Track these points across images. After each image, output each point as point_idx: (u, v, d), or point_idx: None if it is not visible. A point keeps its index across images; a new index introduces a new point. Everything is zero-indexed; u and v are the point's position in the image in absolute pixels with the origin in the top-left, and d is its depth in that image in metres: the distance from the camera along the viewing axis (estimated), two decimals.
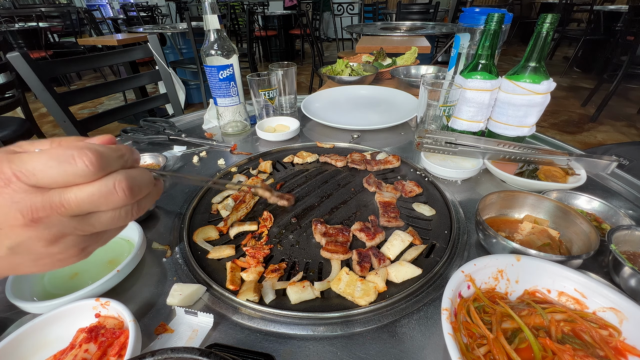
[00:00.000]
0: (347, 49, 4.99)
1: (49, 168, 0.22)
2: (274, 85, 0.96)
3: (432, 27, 2.79)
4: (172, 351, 0.27)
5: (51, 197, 0.22)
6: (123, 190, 0.24)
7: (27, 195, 0.22)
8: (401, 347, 0.39)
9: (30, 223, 0.22)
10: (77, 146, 0.23)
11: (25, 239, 0.23)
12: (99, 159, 0.23)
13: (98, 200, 0.24)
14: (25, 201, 0.22)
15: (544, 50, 0.66)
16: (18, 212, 0.22)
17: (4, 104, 1.84)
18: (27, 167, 0.22)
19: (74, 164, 0.22)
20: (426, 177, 0.72)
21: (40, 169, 0.22)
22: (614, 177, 0.71)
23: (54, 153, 0.22)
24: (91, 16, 4.82)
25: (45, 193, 0.22)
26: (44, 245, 0.24)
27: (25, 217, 0.22)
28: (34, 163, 0.22)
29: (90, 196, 0.23)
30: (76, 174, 0.22)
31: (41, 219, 0.22)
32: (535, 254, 0.43)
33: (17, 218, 0.22)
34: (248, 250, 0.53)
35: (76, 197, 0.23)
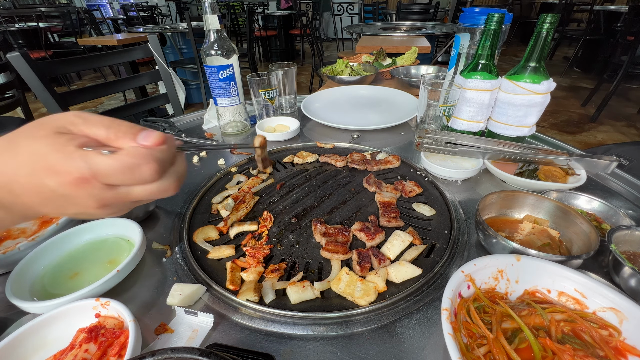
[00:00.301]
0: (347, 49, 4.99)
1: (121, 174, 0.27)
2: (274, 85, 0.96)
3: (432, 27, 2.79)
4: (172, 351, 0.27)
5: (119, 192, 0.29)
6: (173, 188, 0.31)
7: (101, 191, 0.28)
8: (401, 347, 0.39)
9: (101, 206, 0.29)
10: (142, 154, 0.28)
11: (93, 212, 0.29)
12: (160, 168, 0.29)
13: (154, 195, 0.30)
14: (99, 195, 0.28)
15: (544, 50, 0.66)
16: (93, 201, 0.28)
17: (4, 104, 1.84)
18: (102, 170, 0.27)
19: (140, 173, 0.28)
20: (426, 177, 0.72)
21: (113, 174, 0.27)
22: (614, 177, 0.71)
23: (125, 162, 0.27)
24: (91, 16, 4.83)
25: (115, 189, 0.28)
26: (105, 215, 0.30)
27: (98, 204, 0.28)
28: (108, 169, 0.27)
29: (151, 193, 0.30)
30: (142, 179, 0.28)
31: (109, 205, 0.29)
32: (535, 254, 0.43)
33: (90, 204, 0.28)
34: (248, 250, 0.53)
35: (139, 194, 0.29)
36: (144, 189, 0.29)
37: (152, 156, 0.28)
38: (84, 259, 0.52)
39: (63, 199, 0.27)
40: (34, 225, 0.61)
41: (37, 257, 0.50)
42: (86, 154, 0.27)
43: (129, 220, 0.55)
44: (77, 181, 0.26)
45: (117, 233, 0.56)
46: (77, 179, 0.26)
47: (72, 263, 0.51)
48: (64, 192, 0.27)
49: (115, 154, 0.27)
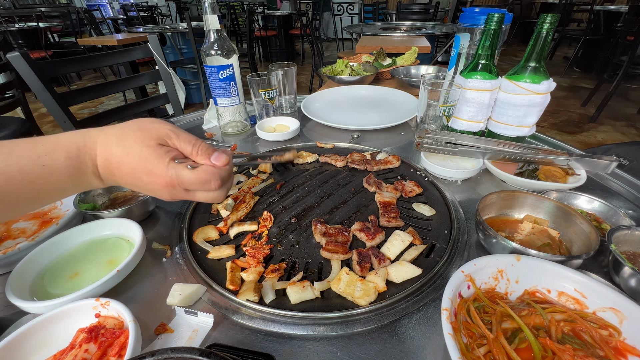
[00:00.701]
0: (347, 49, 4.99)
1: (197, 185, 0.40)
2: (274, 85, 0.96)
3: (432, 27, 2.80)
4: (172, 351, 0.27)
5: (189, 194, 0.41)
6: (225, 196, 0.44)
7: (179, 192, 0.40)
8: (401, 347, 0.39)
9: (172, 199, 0.41)
10: (213, 173, 0.40)
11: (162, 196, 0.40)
12: (222, 184, 0.41)
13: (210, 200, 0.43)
14: (176, 193, 0.40)
15: (544, 50, 0.66)
16: (169, 196, 0.40)
17: (4, 104, 1.84)
18: (185, 180, 0.39)
19: (209, 185, 0.40)
20: (426, 177, 0.72)
21: (192, 185, 0.39)
22: (614, 177, 0.71)
23: (200, 177, 0.39)
24: (91, 16, 4.83)
25: (187, 192, 0.41)
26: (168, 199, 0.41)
27: (171, 197, 0.40)
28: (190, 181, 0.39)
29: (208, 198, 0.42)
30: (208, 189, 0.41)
31: (178, 198, 0.41)
32: (535, 254, 0.43)
33: (166, 196, 0.40)
34: (248, 250, 0.53)
35: (200, 197, 0.42)
36: (205, 195, 0.41)
37: (219, 175, 0.41)
38: (84, 259, 0.52)
39: (148, 188, 0.39)
40: (34, 225, 0.61)
41: (37, 257, 0.50)
42: (177, 166, 0.38)
43: (129, 220, 0.55)
44: (166, 184, 0.38)
45: (117, 233, 0.56)
46: (167, 183, 0.38)
47: (72, 263, 0.51)
48: (153, 188, 0.39)
49: (195, 170, 0.39)
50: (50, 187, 0.36)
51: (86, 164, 0.37)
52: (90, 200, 0.63)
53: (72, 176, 0.36)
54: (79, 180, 0.37)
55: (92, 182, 0.39)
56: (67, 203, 0.66)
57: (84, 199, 0.62)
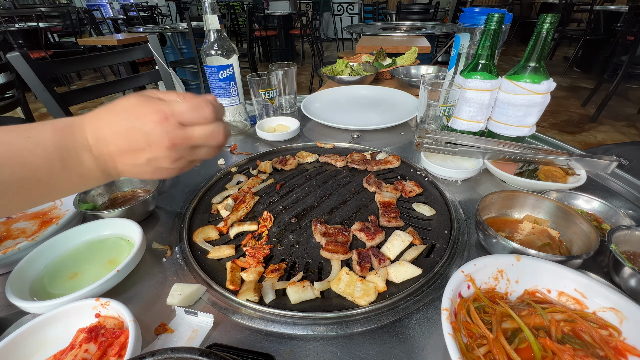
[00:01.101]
0: (347, 49, 4.99)
1: (190, 112, 0.36)
2: (274, 85, 0.96)
3: (432, 27, 2.79)
4: (172, 351, 0.27)
5: (186, 132, 0.37)
6: (223, 134, 0.39)
7: (175, 129, 0.36)
8: (401, 347, 0.39)
9: (170, 146, 0.36)
10: (203, 99, 0.37)
11: (161, 155, 0.36)
12: (215, 108, 0.38)
13: (209, 139, 0.38)
14: (173, 132, 0.35)
15: (544, 50, 0.66)
16: (167, 139, 0.35)
17: (4, 104, 1.84)
18: (178, 110, 0.35)
19: (203, 110, 0.37)
20: (426, 177, 0.72)
21: (185, 112, 0.36)
22: (614, 177, 0.71)
23: (192, 101, 0.36)
24: (91, 16, 4.83)
25: (184, 129, 0.36)
26: (169, 162, 0.37)
27: (170, 142, 0.35)
28: (182, 107, 0.36)
29: (207, 134, 0.38)
30: (203, 117, 0.37)
31: (177, 145, 0.36)
32: (535, 254, 0.43)
33: (164, 142, 0.35)
34: (248, 250, 0.53)
35: (199, 134, 0.37)
36: (202, 129, 0.37)
37: (210, 102, 0.38)
38: (84, 259, 0.52)
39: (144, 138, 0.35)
40: (34, 225, 0.61)
41: (37, 257, 0.50)
42: (167, 101, 0.36)
43: (129, 220, 0.55)
44: (159, 119, 0.35)
45: (117, 233, 0.56)
46: (160, 117, 0.35)
47: (72, 263, 0.51)
48: (148, 129, 0.35)
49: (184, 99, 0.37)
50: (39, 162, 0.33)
51: (74, 136, 0.35)
52: (90, 200, 0.63)
53: (60, 149, 0.34)
54: (69, 157, 0.34)
55: (84, 160, 0.36)
56: (67, 203, 0.66)
57: (84, 199, 0.62)
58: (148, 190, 0.67)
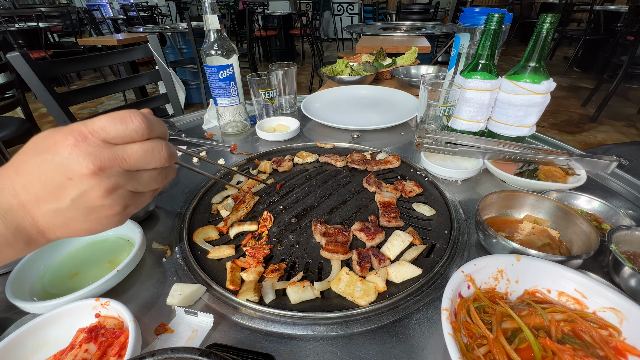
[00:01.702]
0: (347, 49, 4.99)
1: (113, 125, 0.28)
2: (274, 85, 0.96)
3: (432, 27, 2.80)
4: (172, 351, 0.27)
5: (116, 151, 0.29)
6: (166, 151, 0.32)
7: (99, 149, 0.28)
8: (401, 347, 0.39)
9: (97, 171, 0.28)
10: (130, 110, 0.30)
11: (89, 187, 0.28)
12: (147, 119, 0.30)
13: (148, 157, 0.30)
14: (97, 152, 0.28)
15: (544, 50, 0.66)
16: (90, 162, 0.27)
17: (4, 104, 1.84)
18: (98, 125, 0.28)
19: (130, 122, 0.29)
20: (426, 177, 0.72)
21: (107, 125, 0.28)
22: (614, 177, 0.71)
23: (115, 114, 0.29)
24: (91, 16, 4.82)
25: (111, 147, 0.29)
26: (100, 196, 0.29)
27: (95, 166, 0.27)
28: (102, 122, 0.28)
29: (144, 151, 0.30)
30: (133, 129, 0.29)
31: (105, 168, 0.28)
32: (535, 254, 0.43)
33: (88, 167, 0.27)
34: (248, 250, 0.53)
35: (134, 152, 0.29)
36: (137, 146, 0.30)
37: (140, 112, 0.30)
38: (84, 259, 0.52)
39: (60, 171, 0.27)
40: None
41: (37, 257, 0.50)
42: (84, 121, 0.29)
43: (129, 220, 0.55)
44: (75, 140, 0.27)
45: (117, 233, 0.56)
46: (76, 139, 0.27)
47: (72, 263, 0.51)
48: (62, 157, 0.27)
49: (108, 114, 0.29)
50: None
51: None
52: None
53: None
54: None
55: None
56: None
57: None
58: None
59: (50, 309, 0.40)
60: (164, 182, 0.34)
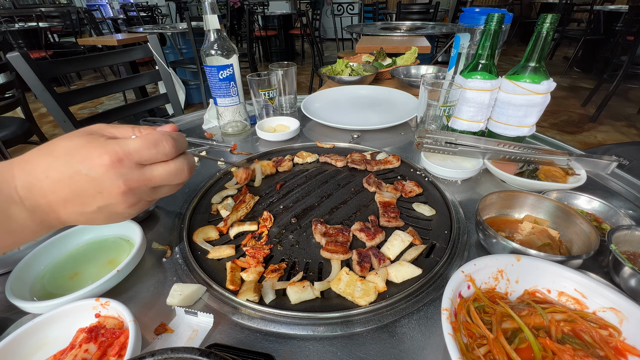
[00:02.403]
0: (347, 49, 4.98)
1: (147, 150, 0.31)
2: (274, 85, 0.96)
3: (432, 27, 2.80)
4: (172, 351, 0.27)
5: (145, 173, 0.32)
6: (187, 171, 0.35)
7: (131, 171, 0.31)
8: (401, 347, 0.39)
9: (127, 191, 0.31)
10: (161, 133, 0.33)
11: (116, 202, 0.31)
12: (175, 143, 0.33)
13: (172, 177, 0.34)
14: (129, 175, 0.31)
15: (544, 50, 0.66)
16: (122, 183, 0.30)
17: (4, 104, 1.84)
18: (132, 147, 0.31)
19: (162, 147, 0.32)
20: (426, 177, 0.72)
21: (141, 150, 0.31)
22: (614, 177, 0.71)
23: (149, 138, 0.32)
24: (91, 16, 4.82)
25: (141, 169, 0.32)
26: (125, 208, 0.32)
27: (126, 187, 0.31)
28: (136, 145, 0.31)
29: (169, 173, 0.33)
30: (163, 153, 0.32)
31: (134, 189, 0.31)
32: (535, 254, 0.43)
33: (119, 187, 0.30)
34: (248, 250, 0.53)
35: (160, 174, 0.33)
36: (164, 168, 0.33)
37: (170, 135, 0.33)
38: (84, 259, 0.52)
39: (92, 185, 0.30)
40: None
41: (37, 257, 0.50)
42: (118, 140, 0.31)
43: (129, 220, 0.55)
44: (111, 162, 0.30)
45: (117, 233, 0.56)
46: (112, 159, 0.30)
47: (72, 263, 0.51)
48: (97, 175, 0.29)
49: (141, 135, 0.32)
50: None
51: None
52: None
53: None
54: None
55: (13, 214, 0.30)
56: None
57: None
58: None
59: (50, 309, 0.40)
60: (177, 189, 0.38)
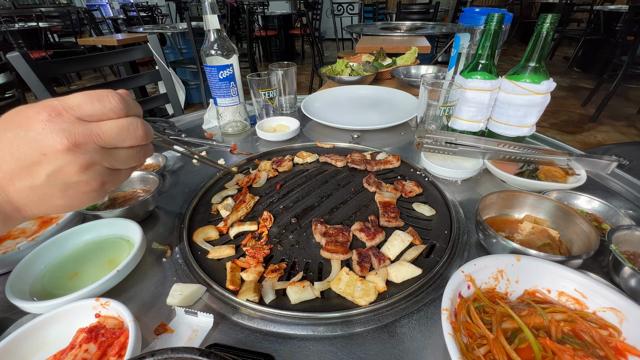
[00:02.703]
0: (347, 49, 4.98)
1: (90, 103, 0.29)
2: (274, 85, 0.96)
3: (432, 27, 2.79)
4: (172, 351, 0.27)
5: (91, 127, 0.29)
6: (142, 128, 0.32)
7: (73, 125, 0.28)
8: (401, 347, 0.39)
9: (72, 147, 0.28)
10: (107, 90, 0.30)
11: (64, 163, 0.28)
12: (124, 99, 0.31)
13: (124, 134, 0.31)
14: (71, 129, 0.28)
15: (544, 50, 0.66)
16: (64, 137, 0.27)
17: (4, 104, 1.84)
18: (73, 102, 0.28)
19: (107, 101, 0.30)
20: (426, 177, 0.72)
21: (83, 103, 0.29)
22: (614, 177, 0.71)
23: (92, 93, 0.29)
24: (91, 16, 4.83)
25: (86, 124, 0.29)
26: (76, 171, 0.29)
27: (69, 141, 0.27)
28: (77, 99, 0.29)
29: (120, 128, 0.30)
30: (109, 108, 0.30)
31: (80, 144, 0.28)
32: (535, 254, 0.43)
33: (62, 142, 0.27)
34: (248, 250, 0.53)
35: (109, 129, 0.30)
36: (113, 123, 0.30)
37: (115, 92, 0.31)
38: (84, 259, 0.52)
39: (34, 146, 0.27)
40: (34, 225, 0.61)
41: (37, 257, 0.50)
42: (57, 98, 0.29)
43: (129, 220, 0.55)
44: (48, 115, 0.27)
45: (117, 233, 0.56)
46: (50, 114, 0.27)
47: (72, 263, 0.51)
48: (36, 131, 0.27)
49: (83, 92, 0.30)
50: None
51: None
52: None
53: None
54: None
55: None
56: None
57: None
58: (148, 190, 0.67)
59: (50, 309, 0.40)
60: (141, 160, 0.35)
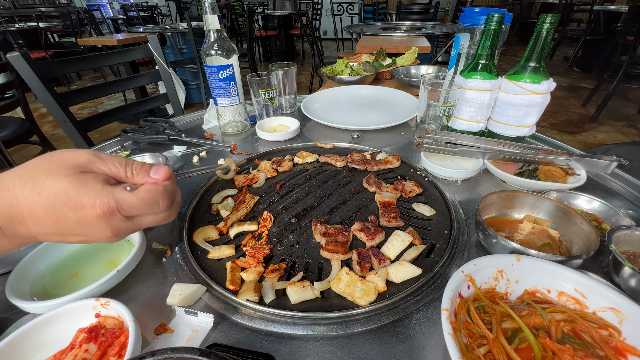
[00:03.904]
0: (347, 49, 4.98)
1: (141, 208, 0.33)
2: (274, 85, 0.96)
3: (432, 27, 2.79)
4: (172, 351, 0.27)
5: (134, 223, 0.34)
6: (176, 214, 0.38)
7: (121, 222, 0.33)
8: (401, 347, 0.39)
9: (113, 237, 0.33)
10: (159, 192, 0.34)
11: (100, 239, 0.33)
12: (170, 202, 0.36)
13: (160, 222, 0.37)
14: (118, 225, 0.32)
15: (544, 50, 0.66)
16: (110, 230, 0.32)
17: (4, 104, 1.84)
18: (128, 204, 0.32)
19: (157, 208, 0.34)
20: (426, 177, 0.72)
21: (135, 209, 0.33)
22: (614, 177, 0.71)
23: (146, 198, 0.33)
24: (91, 16, 4.83)
25: (131, 220, 0.34)
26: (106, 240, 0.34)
27: (113, 233, 0.33)
28: (132, 203, 0.32)
29: (158, 221, 0.36)
30: (158, 211, 0.35)
31: (121, 235, 0.34)
32: (535, 254, 0.43)
33: (107, 233, 0.32)
34: (248, 250, 0.53)
35: (148, 222, 0.35)
36: (154, 218, 0.35)
37: (166, 191, 0.35)
38: (84, 259, 0.52)
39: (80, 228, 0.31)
40: None
41: (37, 257, 0.50)
42: (113, 190, 0.31)
43: None
44: (103, 214, 0.31)
45: None
46: (104, 212, 0.31)
47: (72, 263, 0.51)
48: (87, 222, 0.31)
49: (137, 191, 0.33)
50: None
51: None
52: None
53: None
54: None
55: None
56: None
57: None
58: None
59: (50, 309, 0.40)
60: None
